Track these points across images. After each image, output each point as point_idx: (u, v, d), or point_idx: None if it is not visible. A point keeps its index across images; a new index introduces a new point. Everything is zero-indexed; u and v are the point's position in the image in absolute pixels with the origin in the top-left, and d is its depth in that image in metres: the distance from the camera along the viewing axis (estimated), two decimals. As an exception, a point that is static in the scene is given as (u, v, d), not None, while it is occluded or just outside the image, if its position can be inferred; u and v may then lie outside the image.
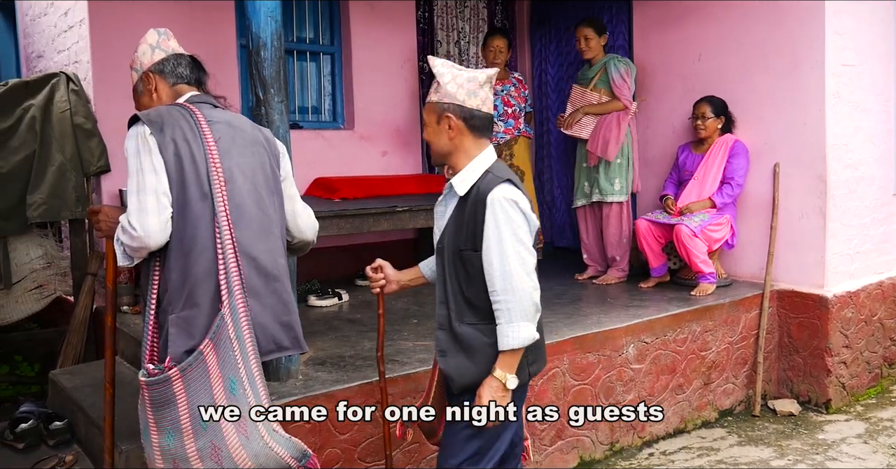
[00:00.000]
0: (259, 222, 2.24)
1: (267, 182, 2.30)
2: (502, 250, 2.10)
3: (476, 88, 2.23)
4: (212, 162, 2.17)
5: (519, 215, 2.12)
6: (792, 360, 4.65)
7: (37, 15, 5.79)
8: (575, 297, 4.61)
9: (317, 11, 5.72)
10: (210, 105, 2.36)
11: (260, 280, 2.21)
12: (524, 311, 2.10)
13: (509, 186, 2.15)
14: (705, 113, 4.77)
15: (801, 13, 4.51)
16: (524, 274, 2.10)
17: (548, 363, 3.52)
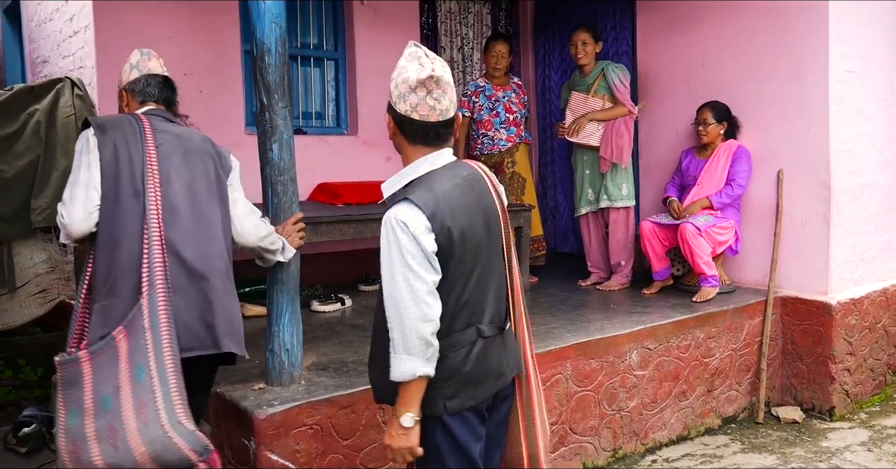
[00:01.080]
0: (192, 224, 2.37)
1: (209, 188, 2.45)
2: (392, 275, 1.93)
3: (406, 92, 2.03)
4: (148, 163, 2.34)
5: (407, 238, 1.91)
6: (795, 367, 4.64)
7: (42, 20, 5.81)
8: (578, 304, 4.61)
9: (321, 17, 5.74)
10: (163, 119, 2.52)
11: (186, 278, 2.32)
12: (407, 343, 1.90)
13: (406, 206, 1.94)
14: (707, 119, 4.77)
15: (805, 19, 4.51)
16: (412, 303, 1.90)
17: (551, 369, 3.52)
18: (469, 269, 2.01)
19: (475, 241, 2.03)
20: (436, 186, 1.99)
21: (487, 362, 2.07)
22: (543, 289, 5.11)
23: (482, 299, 2.06)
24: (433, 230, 1.93)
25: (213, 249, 2.41)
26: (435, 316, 1.93)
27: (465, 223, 1.99)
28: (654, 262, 4.82)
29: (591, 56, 5.06)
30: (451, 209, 1.97)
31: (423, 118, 2.03)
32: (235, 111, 5.07)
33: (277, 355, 2.99)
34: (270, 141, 2.89)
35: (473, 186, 2.08)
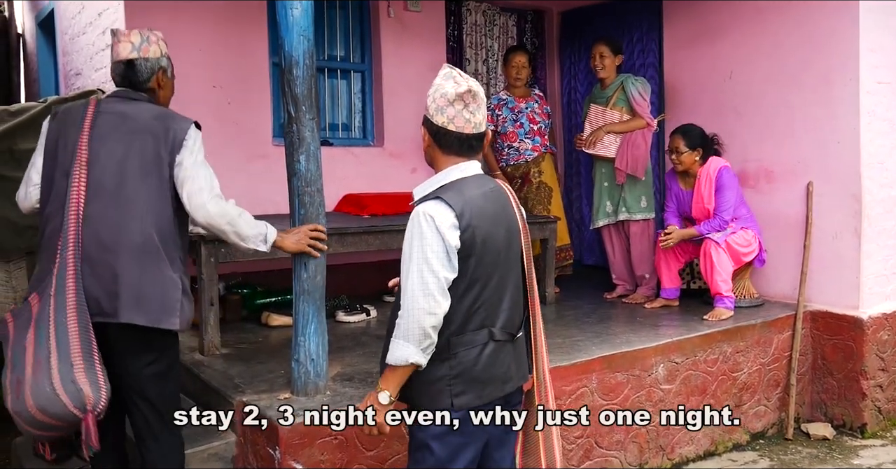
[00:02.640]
0: (114, 200, 2.50)
1: (143, 166, 2.54)
2: (408, 266, 2.06)
3: (444, 105, 2.17)
4: (79, 145, 2.52)
5: (431, 232, 2.03)
6: (826, 383, 4.56)
7: (76, 33, 5.92)
8: (604, 316, 4.58)
9: (348, 30, 5.79)
10: (122, 99, 2.66)
11: (96, 250, 2.47)
12: (408, 331, 2.03)
13: (435, 202, 2.08)
14: (679, 147, 4.58)
15: (835, 30, 4.47)
16: (420, 294, 2.02)
17: (576, 382, 3.50)
18: (488, 273, 2.12)
19: (496, 247, 2.14)
20: (465, 191, 2.12)
21: (496, 365, 2.17)
22: (569, 301, 5.09)
23: (497, 304, 2.17)
24: (459, 227, 2.04)
25: (132, 225, 2.50)
26: (439, 311, 2.04)
27: (489, 229, 2.11)
28: (664, 279, 4.74)
29: (609, 69, 5.05)
30: (478, 213, 2.09)
31: (459, 130, 2.16)
32: (263, 123, 5.12)
33: (303, 365, 3.00)
34: (298, 152, 2.91)
35: (498, 198, 2.22)
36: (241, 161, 4.85)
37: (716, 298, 4.46)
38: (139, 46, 2.68)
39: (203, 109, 4.71)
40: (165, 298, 2.53)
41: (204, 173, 2.62)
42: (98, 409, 2.35)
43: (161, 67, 2.73)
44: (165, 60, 2.76)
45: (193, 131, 2.63)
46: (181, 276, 2.59)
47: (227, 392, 3.15)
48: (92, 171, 2.51)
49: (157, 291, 2.52)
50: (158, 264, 2.53)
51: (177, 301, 2.54)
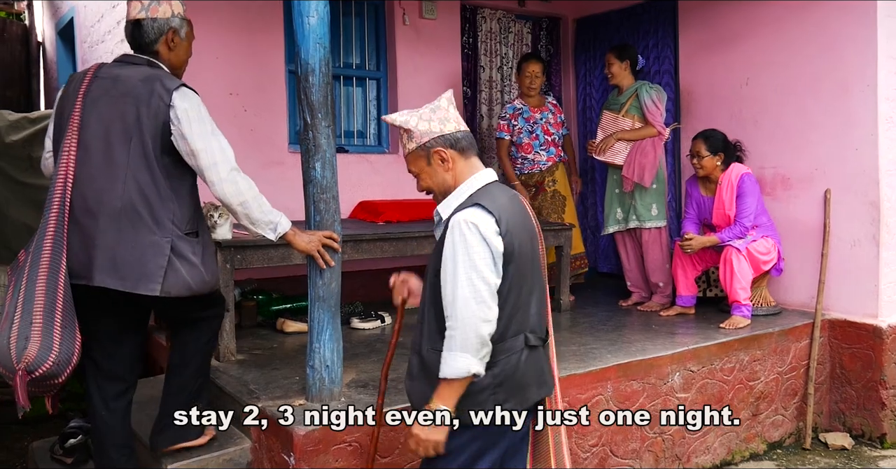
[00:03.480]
0: (100, 163, 2.53)
1: (125, 130, 2.53)
2: (455, 275, 2.01)
3: (444, 114, 2.22)
4: (73, 110, 2.56)
5: (476, 239, 2.01)
6: (844, 392, 4.52)
7: (95, 42, 5.98)
8: (619, 324, 4.56)
9: (363, 38, 5.81)
10: (122, 63, 2.68)
11: (80, 213, 2.52)
12: (465, 341, 1.98)
13: (475, 209, 2.06)
14: (700, 151, 4.56)
15: (852, 36, 4.44)
16: (473, 302, 1.99)
17: (592, 390, 3.48)
18: (521, 278, 2.11)
19: (527, 253, 2.14)
20: (497, 197, 2.13)
21: (534, 370, 2.17)
22: (584, 308, 5.07)
23: (528, 310, 2.16)
24: (501, 234, 2.04)
25: (113, 189, 2.51)
26: (494, 317, 2.02)
27: (521, 234, 2.12)
28: (680, 286, 4.71)
29: (619, 76, 5.05)
30: (511, 219, 2.10)
31: (465, 128, 2.24)
32: (279, 130, 5.15)
33: (318, 372, 3.01)
34: (314, 159, 2.92)
35: (520, 205, 2.23)
36: (257, 168, 4.86)
37: (733, 306, 4.43)
38: (148, 6, 2.66)
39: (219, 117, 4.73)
40: (144, 263, 2.52)
41: (216, 145, 2.58)
42: (38, 371, 2.34)
43: (171, 28, 2.69)
44: (178, 21, 2.71)
45: (180, 95, 2.56)
46: (173, 240, 2.55)
47: (242, 398, 3.16)
48: (82, 136, 2.54)
49: (134, 256, 2.51)
50: (138, 229, 2.52)
51: (160, 267, 2.51)
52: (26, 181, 4.18)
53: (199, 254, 2.64)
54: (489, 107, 6.29)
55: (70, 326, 2.44)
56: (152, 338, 4.32)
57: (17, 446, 4.28)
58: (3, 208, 4.12)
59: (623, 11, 6.07)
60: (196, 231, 2.68)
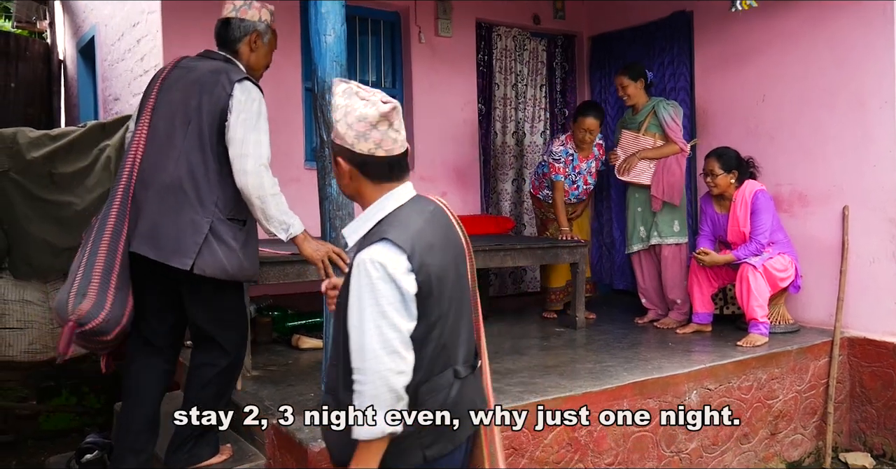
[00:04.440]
0: (160, 143, 2.75)
1: (186, 114, 2.75)
2: (361, 322, 1.75)
3: (366, 129, 1.86)
4: (150, 97, 2.84)
5: (384, 282, 1.75)
6: (864, 411, 4.46)
7: (115, 60, 6.07)
8: (635, 341, 4.53)
9: (380, 55, 5.86)
10: (201, 57, 2.93)
11: (139, 186, 2.74)
12: (376, 397, 1.72)
13: (382, 246, 1.79)
14: (714, 169, 4.55)
15: (868, 51, 4.43)
16: (384, 354, 1.73)
17: (607, 408, 3.46)
18: (446, 309, 1.89)
19: (449, 279, 1.91)
20: (409, 223, 1.86)
21: (465, 403, 1.95)
22: (599, 326, 5.05)
23: (457, 339, 1.95)
24: (413, 270, 1.79)
25: (166, 166, 2.71)
26: (408, 368, 1.78)
27: (440, 261, 1.87)
28: (696, 303, 4.68)
29: (635, 96, 5.03)
30: (427, 247, 1.85)
31: (389, 153, 1.90)
32: (296, 147, 5.19)
33: (332, 388, 3.00)
34: (329, 177, 2.94)
35: (441, 220, 1.99)
36: (274, 184, 4.90)
37: (750, 324, 4.39)
38: (238, 8, 2.91)
39: (237, 134, 4.80)
40: (181, 239, 2.66)
41: (254, 139, 2.71)
42: (88, 325, 2.59)
43: (256, 31, 2.91)
44: (263, 26, 2.93)
45: (241, 87, 2.73)
46: (213, 222, 2.70)
47: (257, 414, 3.16)
48: (153, 117, 2.80)
49: (173, 230, 2.67)
50: (181, 206, 2.67)
51: (195, 244, 2.66)
52: (47, 198, 4.22)
53: (240, 240, 2.77)
54: (503, 124, 6.30)
55: (124, 289, 2.68)
56: (168, 353, 4.33)
57: (34, 461, 4.30)
58: (24, 225, 4.16)
59: (638, 29, 6.09)
60: (242, 219, 2.81)
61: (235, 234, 2.75)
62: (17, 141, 4.18)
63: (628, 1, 6.11)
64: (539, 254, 4.76)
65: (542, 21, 6.41)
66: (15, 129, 4.24)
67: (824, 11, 4.67)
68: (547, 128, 6.55)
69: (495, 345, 4.45)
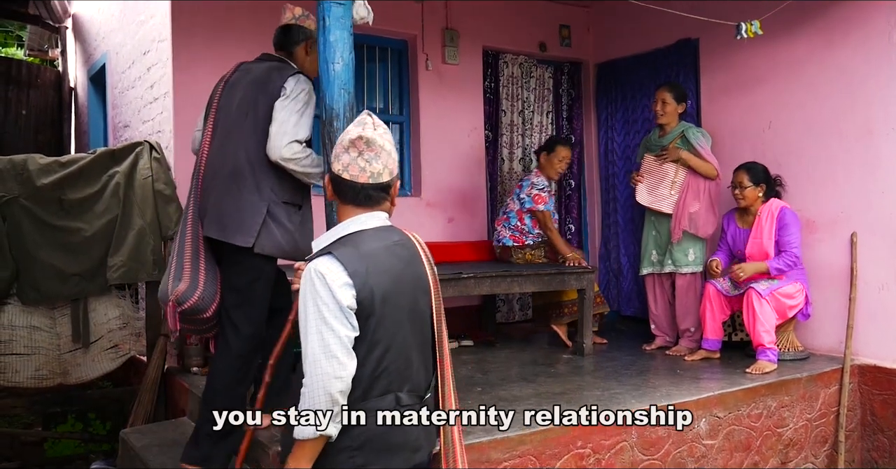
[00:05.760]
0: (225, 139, 3.04)
1: (247, 110, 3.03)
2: (306, 328, 1.87)
3: (340, 152, 2.04)
4: (215, 97, 3.16)
5: (325, 290, 1.86)
6: (876, 440, 4.41)
7: (125, 87, 6.14)
8: (643, 368, 4.50)
9: (387, 83, 5.91)
10: (260, 60, 3.24)
11: (210, 180, 3.03)
12: (314, 399, 1.83)
13: (325, 258, 1.91)
14: (743, 181, 4.60)
15: (874, 78, 4.46)
16: (323, 358, 1.83)
17: (616, 436, 3.42)
18: (391, 334, 1.95)
19: (400, 306, 1.98)
20: (362, 245, 1.97)
21: (404, 433, 1.97)
22: (607, 352, 5.02)
23: (404, 367, 1.98)
24: (354, 286, 1.89)
25: (227, 156, 2.99)
26: (345, 373, 1.86)
27: (390, 286, 1.95)
28: (707, 329, 4.64)
29: (671, 116, 5.01)
30: (376, 269, 1.94)
31: (353, 178, 2.03)
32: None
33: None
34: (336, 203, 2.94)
35: (403, 252, 2.07)
36: (281, 210, 4.92)
37: (758, 350, 4.36)
38: (298, 17, 3.23)
39: (245, 160, 4.82)
40: (243, 219, 2.92)
41: (293, 120, 2.97)
42: (185, 304, 2.90)
43: (312, 37, 3.19)
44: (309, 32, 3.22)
45: (293, 78, 3.03)
46: (270, 205, 2.98)
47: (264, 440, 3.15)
48: (218, 115, 3.10)
49: (233, 212, 2.94)
50: (242, 190, 2.94)
51: (255, 224, 2.93)
52: (56, 224, 4.24)
53: (295, 222, 3.05)
54: (510, 150, 6.33)
55: (212, 271, 2.99)
56: (175, 380, 4.33)
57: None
58: (32, 250, 4.18)
59: (644, 56, 6.13)
60: (297, 203, 3.11)
61: (291, 216, 3.03)
62: (27, 167, 4.22)
63: (634, 29, 6.16)
64: (546, 280, 4.75)
65: (549, 48, 6.46)
66: (25, 156, 4.28)
67: (829, 39, 4.70)
68: (553, 154, 6.56)
69: (502, 371, 4.42)
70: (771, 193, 4.66)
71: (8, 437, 4.61)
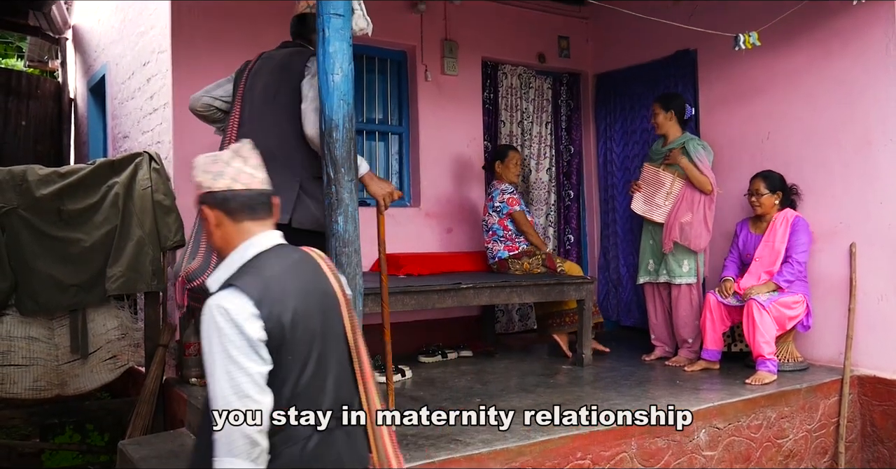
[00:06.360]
0: (253, 121, 3.22)
1: (274, 92, 3.23)
2: (212, 368, 1.76)
3: (222, 168, 1.96)
4: (240, 83, 3.37)
5: (230, 327, 1.76)
6: (876, 451, 4.39)
7: (125, 98, 6.15)
8: (643, 379, 4.49)
9: (386, 93, 5.93)
10: (281, 46, 3.44)
11: None
12: (231, 444, 1.73)
13: (228, 292, 1.81)
14: (759, 189, 4.66)
15: (872, 88, 4.48)
16: (235, 399, 1.73)
17: (615, 447, 3.41)
18: (303, 358, 1.87)
19: (310, 326, 1.90)
20: (264, 270, 1.89)
21: (326, 457, 1.88)
22: (606, 363, 5.01)
23: (319, 389, 1.91)
24: (261, 317, 1.79)
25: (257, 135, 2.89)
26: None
27: (298, 308, 1.87)
28: (707, 339, 4.64)
29: (664, 126, 5.03)
30: (282, 293, 1.86)
31: (247, 186, 1.98)
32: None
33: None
34: (336, 213, 2.95)
35: (306, 270, 2.00)
36: (280, 221, 4.92)
37: (758, 361, 4.36)
38: (313, 6, 3.29)
39: (244, 171, 4.82)
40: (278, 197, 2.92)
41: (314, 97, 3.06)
42: (194, 281, 3.05)
43: None
44: None
45: (315, 59, 3.10)
46: (302, 180, 3.16)
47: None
48: (244, 101, 3.28)
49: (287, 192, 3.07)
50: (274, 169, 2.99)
51: (290, 201, 3.09)
52: (56, 234, 4.24)
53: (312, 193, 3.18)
54: (510, 160, 6.34)
55: None
56: (173, 391, 4.32)
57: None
58: (31, 261, 4.18)
59: (642, 67, 6.15)
60: None
61: (315, 188, 3.16)
62: (26, 178, 4.22)
63: (633, 40, 6.19)
64: (545, 290, 4.75)
65: (548, 59, 6.49)
66: (25, 167, 4.28)
67: (828, 50, 4.72)
68: (553, 165, 6.58)
69: (501, 382, 4.42)
70: (786, 202, 4.70)
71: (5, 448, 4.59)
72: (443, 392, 4.18)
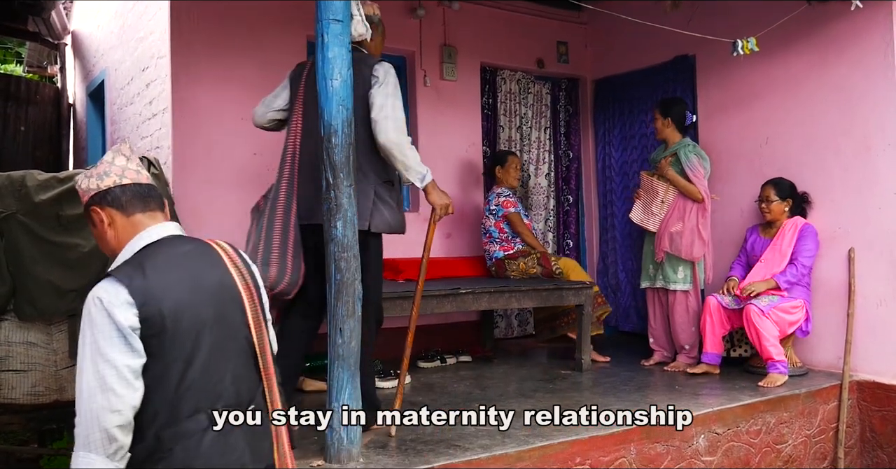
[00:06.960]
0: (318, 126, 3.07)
1: None
2: (82, 361, 1.71)
3: (106, 168, 1.95)
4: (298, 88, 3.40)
5: (101, 316, 1.71)
6: (876, 457, 4.39)
7: (124, 103, 6.15)
8: (642, 384, 4.49)
9: (385, 98, 5.92)
10: None
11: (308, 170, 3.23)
12: (88, 437, 1.67)
13: (105, 282, 1.76)
14: (769, 196, 4.69)
15: (871, 93, 4.49)
16: (98, 392, 1.67)
17: (614, 452, 3.41)
18: (189, 349, 1.80)
19: (198, 318, 1.83)
20: (146, 261, 1.83)
21: (225, 454, 1.82)
22: (605, 368, 5.00)
23: (215, 382, 1.84)
24: (135, 304, 1.73)
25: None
26: (123, 406, 1.70)
27: (183, 299, 1.81)
28: (707, 342, 4.65)
29: (662, 131, 5.04)
30: (162, 282, 1.80)
31: (135, 181, 1.97)
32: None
33: (336, 432, 2.98)
34: (335, 218, 2.95)
35: (198, 260, 1.93)
36: (279, 226, 4.92)
37: (768, 364, 4.37)
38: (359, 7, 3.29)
39: (244, 176, 4.84)
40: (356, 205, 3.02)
41: (392, 104, 3.23)
42: (277, 287, 3.13)
43: (373, 22, 3.44)
44: (377, 19, 3.50)
45: (381, 66, 3.27)
46: (376, 187, 3.26)
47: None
48: (306, 109, 3.30)
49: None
50: None
51: (367, 208, 3.19)
52: (54, 240, 4.23)
53: (394, 199, 3.33)
54: (509, 166, 6.34)
55: (298, 257, 3.20)
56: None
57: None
58: (29, 267, 4.17)
59: (641, 72, 6.16)
60: (391, 180, 3.36)
61: (391, 193, 3.31)
62: (25, 183, 4.21)
63: (631, 45, 6.20)
64: (544, 295, 4.75)
65: (547, 65, 6.50)
66: (23, 172, 4.27)
67: (826, 56, 4.73)
68: (551, 170, 6.59)
69: (500, 387, 4.41)
70: (797, 210, 4.72)
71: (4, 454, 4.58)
72: (442, 397, 4.18)
